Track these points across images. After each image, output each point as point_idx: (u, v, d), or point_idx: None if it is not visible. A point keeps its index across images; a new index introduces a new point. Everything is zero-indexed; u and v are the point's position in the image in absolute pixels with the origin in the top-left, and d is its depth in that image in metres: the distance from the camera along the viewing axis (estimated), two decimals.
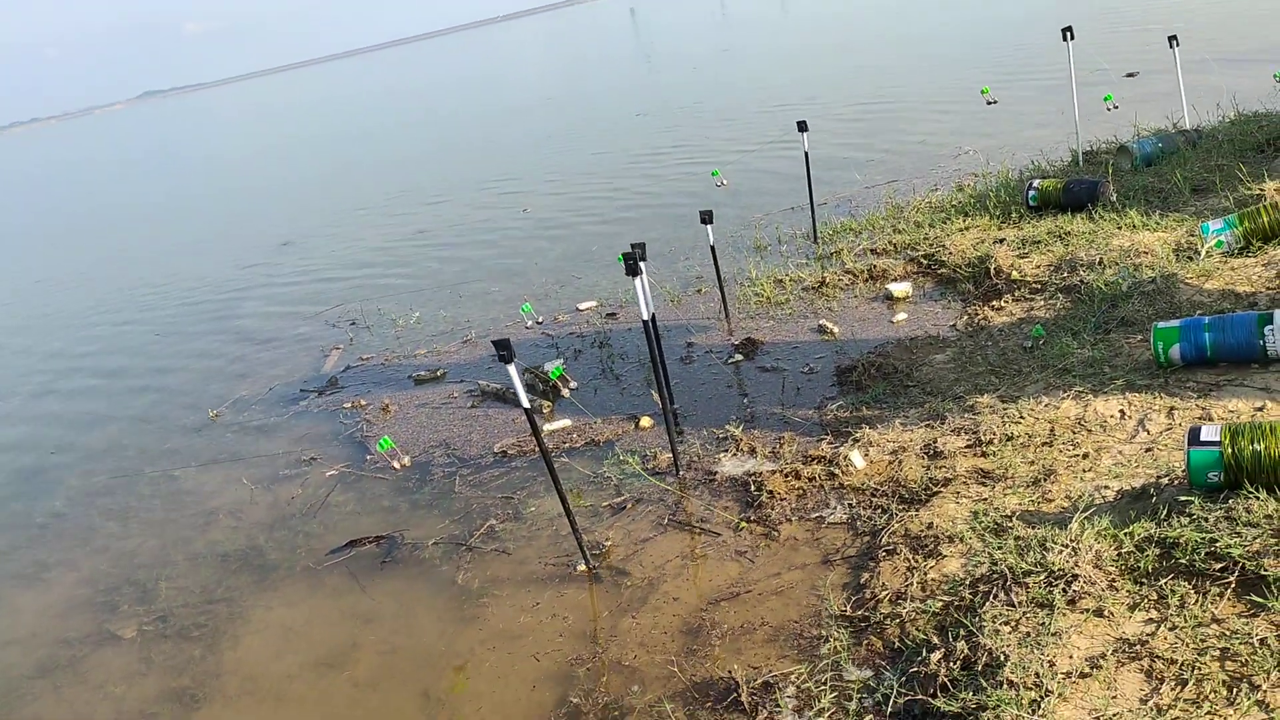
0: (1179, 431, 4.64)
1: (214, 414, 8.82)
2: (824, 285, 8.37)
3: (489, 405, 7.58)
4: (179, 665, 5.20)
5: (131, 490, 7.69)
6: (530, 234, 13.47)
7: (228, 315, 12.52)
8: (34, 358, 12.72)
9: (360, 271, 13.45)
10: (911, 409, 5.76)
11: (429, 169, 23.11)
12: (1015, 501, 4.44)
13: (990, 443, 5.02)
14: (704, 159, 15.59)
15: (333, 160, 30.35)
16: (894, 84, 19.92)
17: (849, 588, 4.34)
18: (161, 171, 42.44)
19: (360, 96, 69.83)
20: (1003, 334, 6.48)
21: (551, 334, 8.81)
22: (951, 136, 13.51)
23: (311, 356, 9.94)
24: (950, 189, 10.45)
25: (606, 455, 6.27)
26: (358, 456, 7.23)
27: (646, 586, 4.79)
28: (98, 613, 5.96)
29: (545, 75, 51.68)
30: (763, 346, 7.43)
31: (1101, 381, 5.33)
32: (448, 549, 5.63)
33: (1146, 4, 22.74)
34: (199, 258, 17.46)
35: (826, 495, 5.12)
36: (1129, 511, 4.04)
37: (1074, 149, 9.97)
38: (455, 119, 35.50)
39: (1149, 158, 9.08)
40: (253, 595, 5.72)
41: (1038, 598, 3.65)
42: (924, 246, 8.51)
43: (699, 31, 57.21)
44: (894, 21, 34.85)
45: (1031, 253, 7.54)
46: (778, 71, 28.13)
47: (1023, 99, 14.53)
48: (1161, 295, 6.11)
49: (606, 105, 28.95)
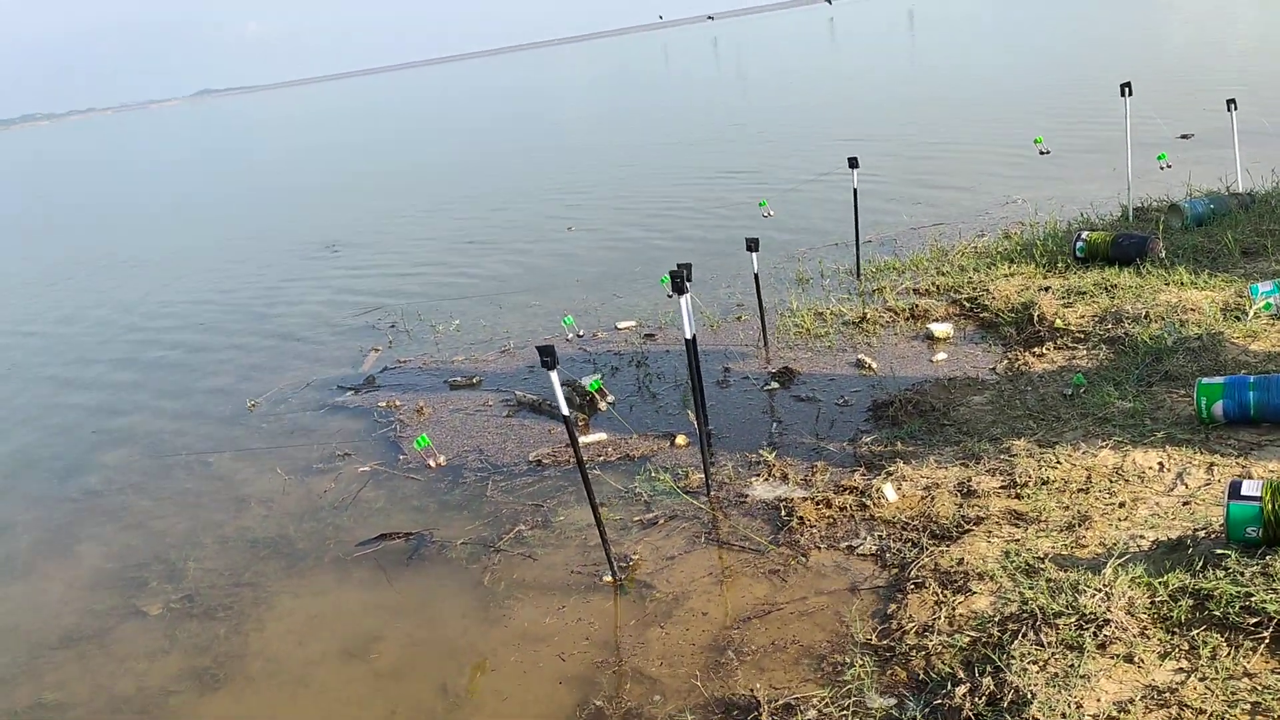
0: (1218, 487, 4.61)
1: (251, 404, 8.94)
2: (865, 321, 8.37)
3: (524, 415, 7.64)
4: (203, 644, 5.25)
5: (166, 472, 7.80)
6: (574, 251, 13.58)
7: (271, 312, 12.68)
8: (80, 339, 12.94)
9: (404, 276, 13.60)
10: (947, 447, 5.75)
11: (486, 177, 23.35)
12: (1048, 544, 4.42)
13: (1025, 485, 5.00)
14: (753, 188, 15.65)
15: (394, 165, 30.71)
16: (947, 126, 19.95)
17: (876, 617, 4.33)
18: (213, 169, 43.11)
19: (421, 104, 70.65)
20: (1043, 380, 6.45)
21: (590, 350, 8.86)
22: (1001, 184, 13.49)
23: (350, 356, 10.04)
24: (997, 235, 10.44)
25: (639, 471, 6.30)
26: (391, 455, 7.29)
27: (672, 601, 4.80)
28: (125, 588, 6.03)
29: (610, 97, 52.11)
30: (799, 376, 7.44)
31: (1141, 433, 5.30)
32: (475, 550, 5.66)
33: (1208, 65, 22.67)
34: (245, 254, 17.73)
35: (857, 525, 5.12)
36: (1164, 561, 4.02)
37: (1124, 204, 9.95)
38: (518, 132, 35.84)
39: (1200, 218, 9.03)
40: (280, 582, 5.78)
41: (1068, 639, 3.63)
42: (967, 290, 8.50)
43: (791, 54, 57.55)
44: (955, 59, 34.98)
45: (1076, 302, 7.51)
46: (840, 104, 28.25)
47: (1076, 151, 14.51)
48: (1207, 352, 6.07)
49: (671, 127, 29.12)
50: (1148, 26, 39.20)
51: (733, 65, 60.31)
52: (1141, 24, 40.96)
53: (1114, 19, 45.83)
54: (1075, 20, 49.63)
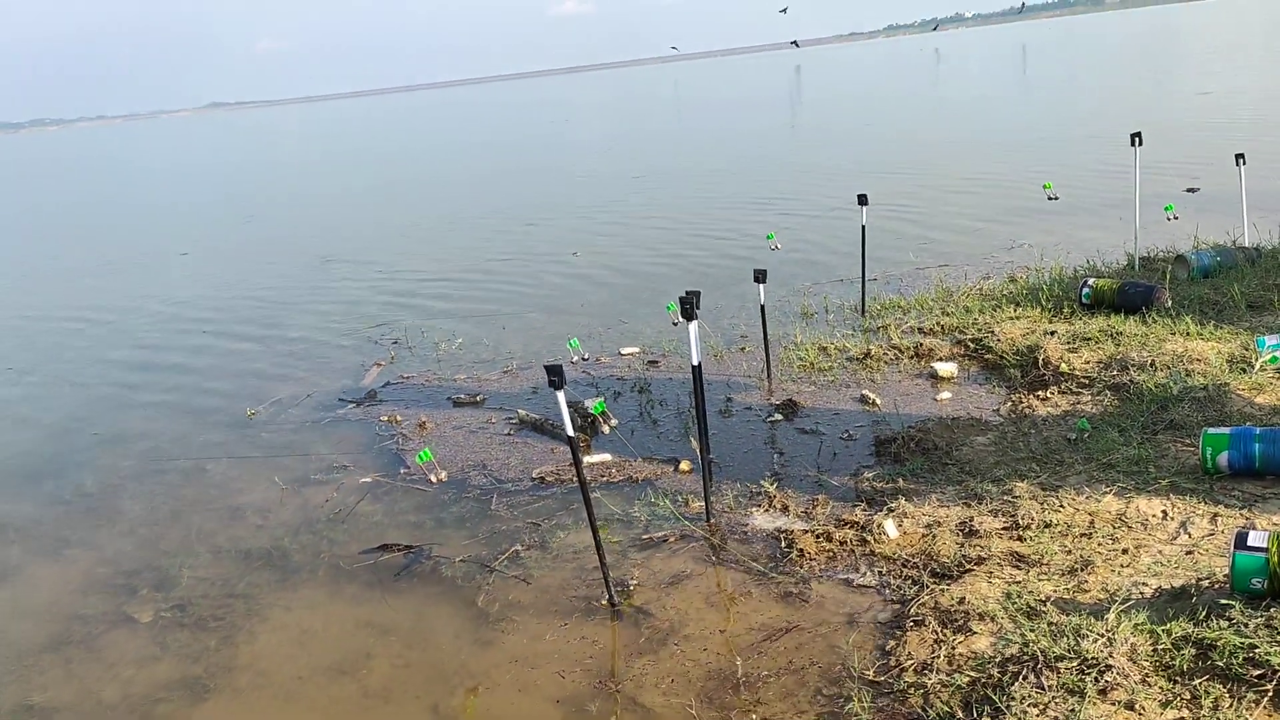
0: (1221, 538, 4.59)
1: (251, 413, 8.91)
2: (869, 357, 8.37)
3: (525, 434, 7.62)
4: (193, 654, 5.20)
5: (161, 478, 7.75)
6: (580, 275, 13.60)
7: (274, 321, 12.67)
8: (80, 344, 12.91)
9: (409, 293, 13.61)
10: (949, 486, 5.73)
11: (491, 200, 23.44)
12: (1050, 588, 4.39)
13: (1028, 528, 4.98)
14: (760, 221, 15.68)
15: (400, 182, 30.81)
16: (957, 168, 20.05)
17: (874, 652, 4.29)
18: (218, 180, 43.22)
19: (430, 124, 71.04)
20: (1047, 424, 6.44)
21: (593, 374, 8.86)
22: (1008, 228, 13.53)
23: (352, 369, 10.03)
24: (1002, 278, 10.45)
25: (639, 495, 6.27)
26: (390, 469, 7.26)
27: (669, 628, 4.76)
28: (116, 594, 5.98)
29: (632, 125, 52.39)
30: (803, 409, 7.42)
31: (1145, 480, 5.28)
32: (471, 569, 5.62)
33: (1218, 118, 22.81)
34: (249, 264, 17.77)
35: (857, 560, 5.09)
36: (1167, 609, 3.99)
37: (1131, 253, 9.97)
38: (530, 161, 35.98)
39: (1206, 270, 9.06)
40: (273, 593, 5.73)
41: (1068, 684, 3.60)
42: (972, 331, 8.50)
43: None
44: (970, 103, 35.23)
45: (1082, 348, 7.51)
46: (853, 142, 28.40)
47: (1083, 198, 14.57)
48: (1212, 403, 6.06)
49: (684, 156, 29.24)
50: (1161, 78, 39.51)
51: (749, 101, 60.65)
52: (1157, 74, 41.31)
53: (1131, 69, 46.23)
54: (1093, 69, 50.07)
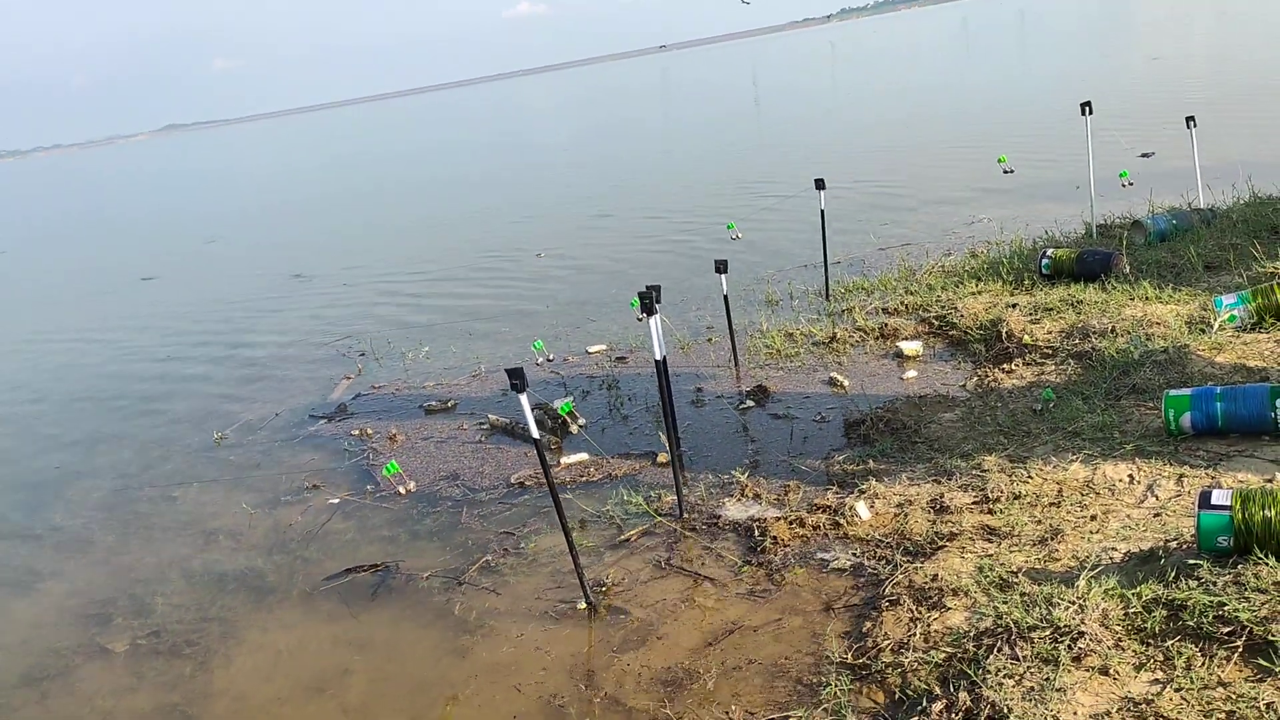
0: (1188, 498, 4.62)
1: (218, 436, 8.82)
2: (835, 340, 8.39)
3: (496, 439, 7.58)
4: (170, 682, 5.14)
5: (131, 506, 7.66)
6: (544, 277, 13.57)
7: (238, 341, 12.56)
8: (39, 375, 12.74)
9: (372, 304, 13.53)
10: (919, 464, 5.74)
11: (449, 208, 23.33)
12: (1021, 559, 4.41)
13: (997, 500, 5.00)
14: (721, 212, 15.67)
15: (355, 192, 30.62)
16: (910, 147, 20.14)
17: (850, 635, 4.30)
18: (177, 202, 42.81)
19: (386, 140, 70.64)
20: (1012, 396, 6.47)
21: (561, 374, 8.83)
22: (965, 204, 13.62)
23: (319, 384, 9.95)
24: (963, 254, 10.51)
25: (610, 494, 6.24)
26: (361, 484, 7.21)
27: (645, 626, 4.75)
28: (90, 625, 5.90)
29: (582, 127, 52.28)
30: (772, 395, 7.43)
31: (1111, 446, 5.32)
32: (445, 580, 5.59)
33: (1167, 82, 23.02)
34: (211, 284, 17.59)
35: (830, 544, 5.09)
36: (1136, 573, 4.01)
37: (1088, 222, 10.05)
38: (482, 165, 35.84)
39: (1163, 233, 9.14)
40: (247, 616, 5.67)
41: (1042, 653, 3.61)
42: (936, 308, 8.54)
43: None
44: (921, 80, 35.40)
45: (1044, 319, 7.56)
46: (805, 127, 28.45)
47: (1038, 170, 14.67)
48: (1173, 365, 6.11)
49: (636, 153, 29.21)
50: (1111, 46, 39.86)
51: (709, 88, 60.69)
52: (1106, 42, 41.67)
53: (1080, 38, 46.62)
54: (1042, 41, 50.45)
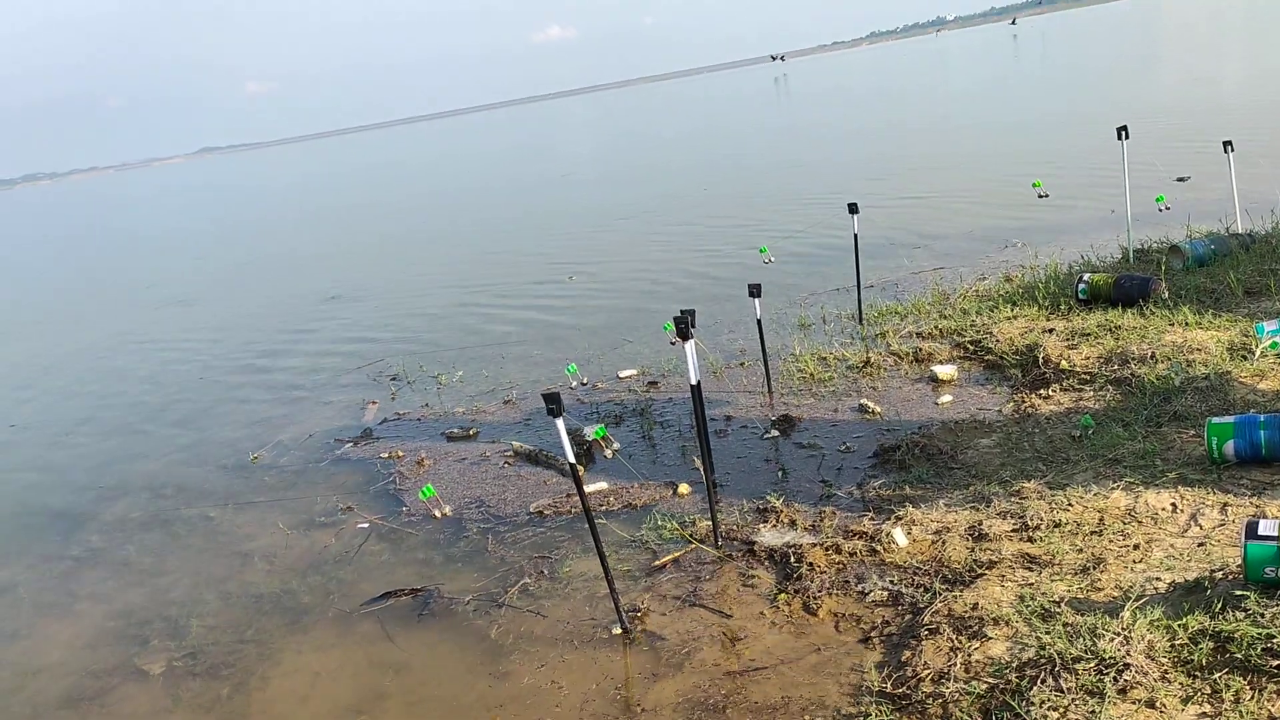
0: (1232, 528, 4.55)
1: (254, 457, 8.88)
2: (868, 365, 8.35)
3: (522, 466, 7.59)
4: (206, 704, 5.16)
5: (167, 528, 7.72)
6: (576, 299, 13.61)
7: (272, 364, 12.67)
8: (79, 396, 12.90)
9: (403, 326, 13.64)
10: (956, 490, 5.69)
11: (483, 232, 23.48)
12: (1063, 588, 4.36)
13: (1038, 528, 4.94)
14: (754, 235, 15.68)
15: (395, 220, 30.88)
16: (946, 170, 20.08)
17: (889, 665, 4.25)
18: (213, 224, 43.33)
19: (424, 160, 71.27)
20: (1050, 422, 6.41)
21: (592, 399, 8.83)
22: (1000, 228, 13.54)
23: (352, 407, 10.01)
24: (998, 279, 10.45)
25: (643, 519, 6.23)
26: (392, 508, 7.23)
27: (682, 653, 4.72)
28: (127, 646, 5.94)
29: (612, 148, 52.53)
30: (802, 423, 7.40)
31: (1153, 474, 5.25)
32: (480, 604, 5.58)
33: (1205, 107, 22.83)
34: (245, 305, 17.78)
35: (867, 571, 5.05)
36: (1182, 604, 3.95)
37: (1125, 246, 9.97)
38: (512, 188, 36.07)
39: (1201, 259, 9.05)
40: (283, 638, 5.69)
41: (1088, 685, 3.56)
42: (970, 333, 8.49)
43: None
44: (956, 104, 35.31)
45: (1081, 344, 7.49)
46: (841, 150, 28.41)
47: (1074, 195, 14.58)
48: (1215, 392, 6.04)
49: (679, 177, 29.21)
50: (1149, 68, 39.63)
51: (749, 113, 60.86)
52: (1145, 65, 41.44)
53: (1120, 60, 46.40)
54: (1081, 62, 50.26)
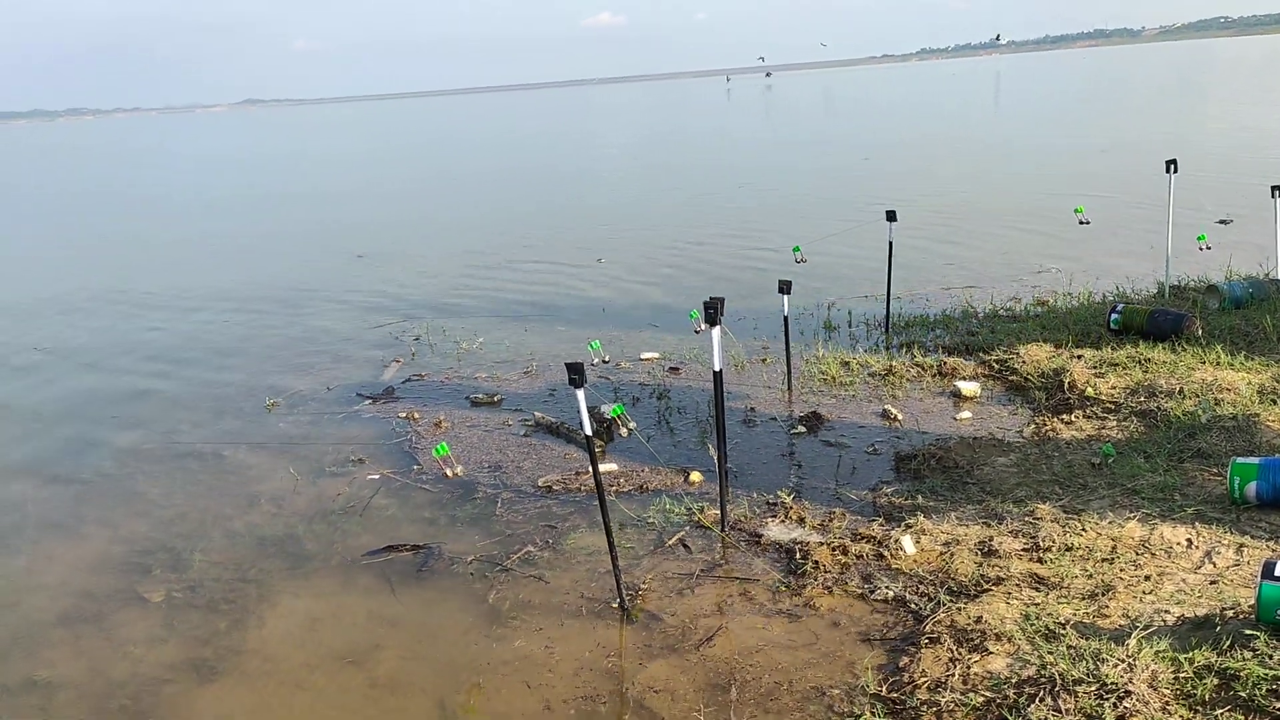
0: (1247, 569, 4.50)
1: (270, 403, 8.91)
2: (891, 373, 8.30)
3: (540, 436, 7.59)
4: (202, 636, 5.19)
5: (179, 462, 7.77)
6: (604, 280, 13.59)
7: (297, 315, 12.71)
8: (108, 332, 12.99)
9: (433, 290, 13.67)
10: (969, 505, 5.66)
11: (518, 204, 23.47)
12: (1070, 611, 4.32)
13: (1049, 550, 4.90)
14: (788, 235, 15.59)
15: (432, 182, 30.92)
16: (988, 190, 19.93)
17: (886, 669, 4.23)
18: (251, 174, 43.51)
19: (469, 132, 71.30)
20: (1070, 447, 6.36)
21: (613, 378, 8.82)
22: (1036, 252, 13.43)
23: (373, 365, 10.03)
24: (1029, 302, 10.37)
25: (653, 501, 6.22)
26: (405, 464, 7.24)
27: (679, 634, 4.71)
28: (129, 573, 5.98)
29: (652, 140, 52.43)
30: (824, 422, 7.36)
31: (1171, 508, 5.20)
32: (482, 567, 5.59)
33: (1255, 152, 22.56)
34: (275, 258, 17.86)
35: (873, 574, 5.02)
36: (1190, 638, 3.91)
37: (1161, 281, 9.86)
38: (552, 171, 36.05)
39: (1238, 300, 8.95)
40: (284, 581, 5.71)
41: (1086, 708, 3.52)
42: (997, 352, 8.42)
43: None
44: (1010, 127, 35.05)
45: (1109, 373, 7.42)
46: (891, 163, 28.22)
47: (1114, 224, 14.44)
48: (1241, 432, 5.98)
49: (716, 174, 29.08)
50: (1198, 110, 39.23)
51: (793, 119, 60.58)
52: (1195, 106, 41.03)
53: (1169, 100, 45.96)
54: (1129, 99, 49.81)
